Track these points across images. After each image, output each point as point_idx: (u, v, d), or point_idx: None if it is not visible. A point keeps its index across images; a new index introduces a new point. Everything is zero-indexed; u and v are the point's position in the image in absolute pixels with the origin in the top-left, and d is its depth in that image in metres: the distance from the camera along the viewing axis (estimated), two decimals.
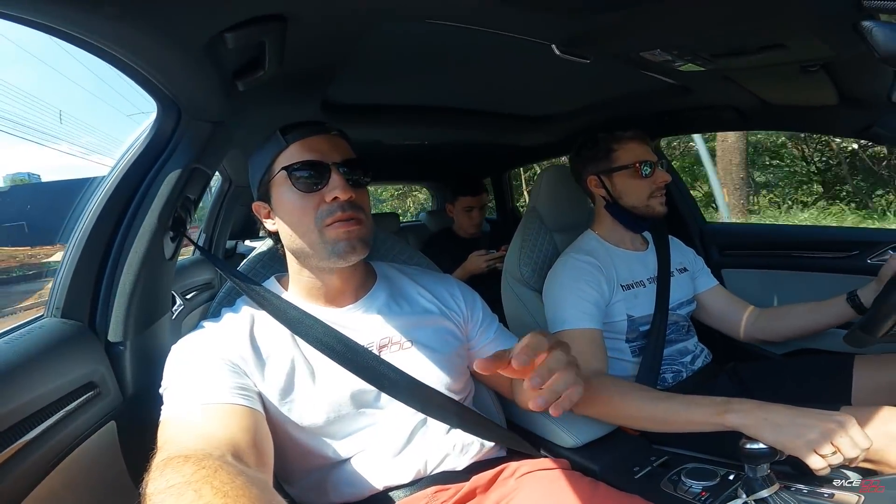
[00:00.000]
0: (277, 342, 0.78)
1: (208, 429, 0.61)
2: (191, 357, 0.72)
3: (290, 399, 0.74)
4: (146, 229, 0.83)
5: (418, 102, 1.39)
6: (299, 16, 0.66)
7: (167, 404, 0.67)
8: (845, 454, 0.69)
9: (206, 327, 0.79)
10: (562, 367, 0.59)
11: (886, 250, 1.35)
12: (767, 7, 0.68)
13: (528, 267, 1.31)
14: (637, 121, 1.45)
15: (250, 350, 0.75)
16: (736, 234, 1.75)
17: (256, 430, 0.65)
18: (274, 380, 0.74)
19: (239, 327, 0.78)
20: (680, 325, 1.26)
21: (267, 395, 0.73)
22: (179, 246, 0.98)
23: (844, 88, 1.06)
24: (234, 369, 0.71)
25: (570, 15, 0.75)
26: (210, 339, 0.75)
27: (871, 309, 0.83)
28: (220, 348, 0.73)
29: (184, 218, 0.95)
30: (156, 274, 0.88)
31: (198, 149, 0.90)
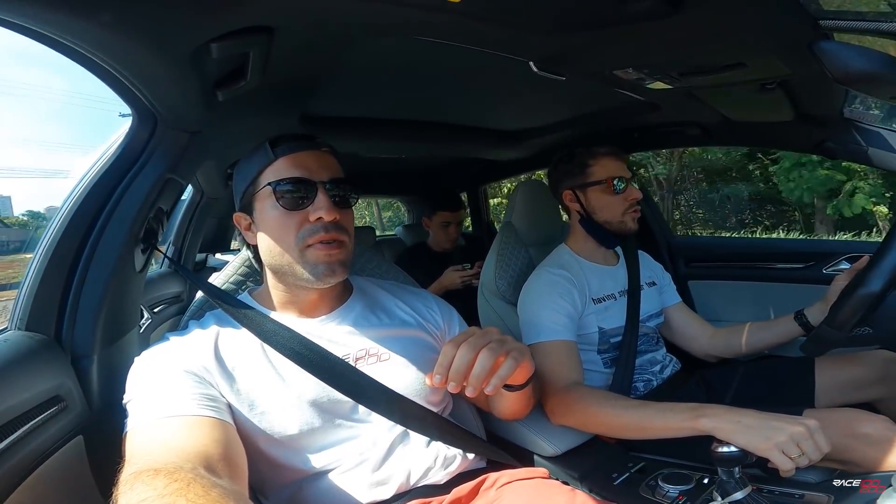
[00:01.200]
0: (246, 353, 0.76)
1: (177, 441, 0.60)
2: (155, 369, 0.70)
3: (261, 410, 0.72)
4: (116, 240, 0.81)
5: (395, 116, 1.40)
6: (286, 28, 0.67)
7: (132, 417, 0.65)
8: (810, 457, 0.73)
9: (171, 340, 0.77)
10: (470, 356, 0.62)
11: (840, 260, 1.43)
12: (729, 28, 0.72)
13: (503, 280, 1.33)
14: (608, 137, 1.51)
15: (217, 361, 0.73)
16: (702, 248, 1.83)
17: (227, 442, 0.63)
18: (243, 391, 0.72)
19: (206, 339, 0.76)
20: (650, 337, 1.30)
21: (236, 407, 0.71)
22: (150, 258, 0.96)
23: (800, 105, 1.12)
24: (199, 381, 0.70)
25: (547, 34, 0.77)
26: (175, 350, 0.73)
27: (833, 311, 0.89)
28: (184, 360, 0.72)
29: (155, 229, 0.92)
30: (125, 286, 0.86)
31: (173, 158, 0.88)
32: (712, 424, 0.79)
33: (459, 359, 0.62)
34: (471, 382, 0.62)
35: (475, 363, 0.62)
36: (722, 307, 1.66)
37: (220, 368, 0.73)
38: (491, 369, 0.63)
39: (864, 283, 0.80)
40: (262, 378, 0.75)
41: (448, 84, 1.13)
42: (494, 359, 0.63)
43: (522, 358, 0.66)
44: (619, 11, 0.66)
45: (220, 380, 0.72)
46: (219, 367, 0.73)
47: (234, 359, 0.75)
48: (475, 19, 0.70)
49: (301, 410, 0.74)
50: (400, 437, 0.79)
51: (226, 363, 0.74)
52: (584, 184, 1.25)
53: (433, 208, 2.17)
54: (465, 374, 0.62)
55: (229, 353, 0.75)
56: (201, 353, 0.74)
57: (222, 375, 0.72)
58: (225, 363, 0.74)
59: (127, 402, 0.67)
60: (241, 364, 0.75)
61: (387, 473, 0.76)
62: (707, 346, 1.32)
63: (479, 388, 0.62)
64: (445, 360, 0.62)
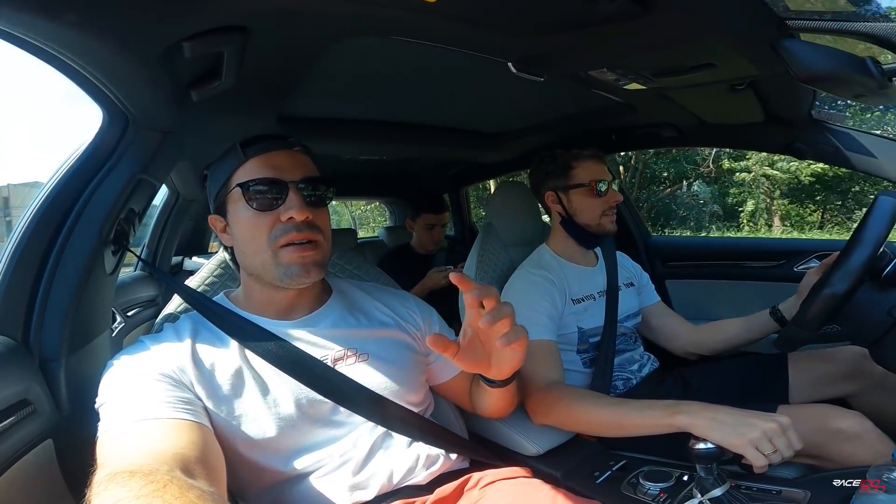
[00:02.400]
0: (224, 356, 0.75)
1: (153, 444, 0.58)
2: (129, 372, 0.69)
3: (239, 413, 0.72)
4: (85, 241, 0.79)
5: (376, 117, 1.40)
6: (261, 28, 0.66)
7: (105, 420, 0.63)
8: (783, 453, 0.75)
9: (146, 343, 0.75)
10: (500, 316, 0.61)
11: (811, 259, 1.48)
12: (697, 28, 0.74)
13: (484, 281, 1.34)
14: (587, 138, 1.53)
15: (193, 364, 0.72)
16: (678, 247, 1.87)
17: (205, 445, 0.62)
18: (219, 394, 0.71)
19: (181, 342, 0.75)
20: (628, 337, 1.32)
21: (214, 410, 0.70)
22: (121, 260, 0.94)
23: (770, 106, 1.15)
24: (175, 384, 0.68)
25: (523, 35, 0.78)
26: (149, 354, 0.72)
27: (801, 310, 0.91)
28: (159, 363, 0.70)
29: (126, 231, 0.90)
30: (95, 289, 0.84)
31: (145, 159, 0.86)
32: (689, 421, 0.80)
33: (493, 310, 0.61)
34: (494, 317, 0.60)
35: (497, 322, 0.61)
36: (699, 305, 1.69)
37: (196, 371, 0.71)
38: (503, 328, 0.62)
39: (829, 283, 0.82)
40: (239, 381, 0.73)
41: (428, 85, 1.13)
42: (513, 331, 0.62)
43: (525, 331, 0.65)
44: (591, 13, 0.67)
45: (196, 383, 0.70)
46: (195, 371, 0.71)
47: (211, 362, 0.74)
48: (452, 20, 0.70)
49: (280, 413, 0.73)
50: (381, 438, 0.79)
51: (202, 366, 0.73)
52: (567, 186, 1.27)
53: (417, 210, 2.17)
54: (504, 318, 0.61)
55: (206, 357, 0.74)
56: (177, 356, 0.72)
57: (199, 379, 0.71)
58: (202, 366, 0.73)
59: (100, 406, 0.66)
60: (218, 367, 0.73)
61: (368, 474, 0.76)
62: (686, 343, 1.35)
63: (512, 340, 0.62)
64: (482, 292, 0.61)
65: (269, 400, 0.74)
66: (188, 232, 2.56)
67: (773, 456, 0.74)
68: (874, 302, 0.82)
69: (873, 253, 0.79)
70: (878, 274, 0.81)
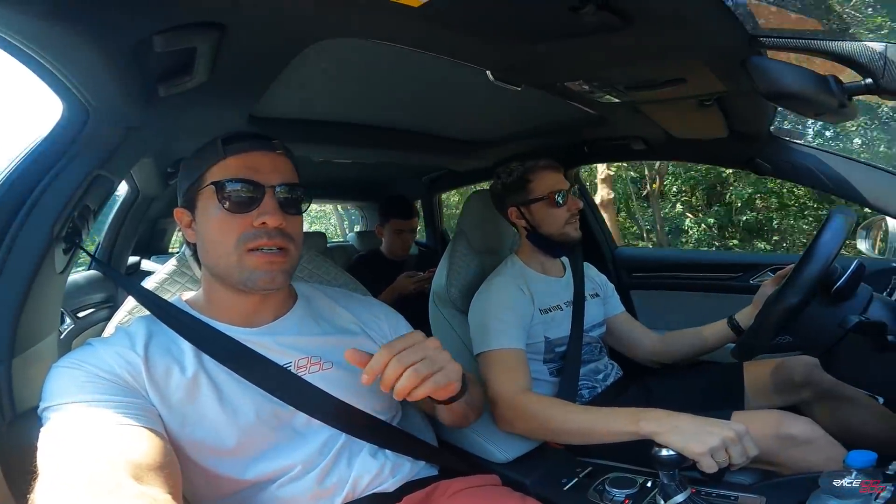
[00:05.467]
0: (179, 361, 0.72)
1: (100, 450, 0.55)
2: (76, 375, 0.65)
3: (194, 420, 0.69)
4: (36, 239, 0.74)
5: (350, 119, 1.38)
6: (239, 26, 0.64)
7: (49, 425, 0.60)
8: (735, 461, 0.79)
9: (96, 346, 0.71)
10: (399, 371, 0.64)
11: (766, 271, 1.56)
12: (673, 44, 0.76)
13: (455, 288, 1.34)
14: (559, 149, 1.56)
15: (147, 369, 0.69)
16: (643, 259, 1.93)
17: (157, 452, 0.59)
18: (175, 400, 0.69)
19: (135, 346, 0.71)
20: (593, 346, 1.35)
21: (167, 417, 0.67)
22: (73, 259, 0.89)
23: (733, 123, 1.19)
24: (125, 389, 0.66)
25: (504, 43, 0.79)
26: (99, 357, 0.68)
27: (756, 321, 0.95)
28: (110, 367, 0.67)
29: (80, 228, 0.86)
30: (43, 289, 0.79)
31: (104, 154, 0.82)
32: (652, 428, 0.83)
33: (390, 369, 0.64)
34: (395, 393, 0.64)
35: (402, 377, 0.64)
36: (662, 315, 1.75)
37: (149, 377, 0.68)
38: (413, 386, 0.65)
39: (782, 296, 0.86)
40: (195, 387, 0.71)
41: (405, 89, 1.13)
42: (420, 379, 0.64)
43: (446, 381, 0.67)
44: (574, 24, 0.68)
45: (149, 388, 0.68)
46: (148, 376, 0.68)
47: (166, 367, 0.71)
48: (433, 24, 0.70)
49: (239, 420, 0.71)
50: (346, 446, 0.77)
51: (156, 371, 0.70)
52: (527, 200, 1.29)
53: (386, 215, 2.16)
54: (390, 384, 0.64)
55: (161, 361, 0.71)
56: (129, 360, 0.69)
57: (152, 384, 0.68)
58: (155, 371, 0.69)
59: (43, 411, 0.62)
60: (172, 373, 0.70)
61: (333, 482, 0.74)
62: (649, 352, 1.39)
63: (401, 397, 0.65)
64: (377, 366, 0.64)
65: (227, 407, 0.71)
66: (147, 231, 2.46)
67: (723, 463, 0.78)
68: (825, 314, 0.85)
69: (824, 267, 0.83)
70: (828, 288, 0.85)
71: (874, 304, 0.85)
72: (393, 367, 0.64)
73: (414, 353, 0.65)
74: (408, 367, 0.64)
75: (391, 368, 0.64)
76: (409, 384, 0.64)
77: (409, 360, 0.64)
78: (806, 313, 0.85)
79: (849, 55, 0.69)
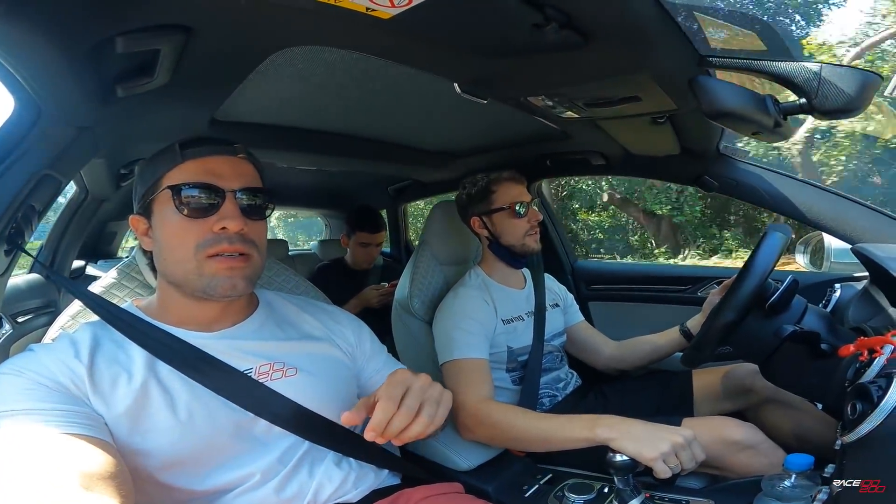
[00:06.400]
0: (127, 368, 0.69)
1: (45, 460, 0.53)
2: (16, 382, 0.62)
3: (144, 429, 0.66)
4: None
5: (315, 126, 1.37)
6: (206, 29, 0.63)
7: None
8: (685, 465, 0.83)
9: (37, 351, 0.68)
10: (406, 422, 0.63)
11: (711, 284, 1.65)
12: (629, 62, 0.80)
13: (418, 299, 1.34)
14: (524, 162, 1.60)
15: (91, 376, 0.66)
16: (601, 271, 2.00)
17: (105, 461, 0.57)
18: (122, 408, 0.66)
19: (77, 352, 0.68)
20: (554, 355, 1.39)
21: (115, 425, 0.65)
22: (14, 261, 0.84)
23: (684, 140, 1.25)
24: (68, 396, 0.63)
25: (472, 57, 0.81)
26: (40, 363, 0.65)
27: (699, 334, 1.00)
28: (52, 373, 0.64)
29: (23, 230, 0.81)
30: None
31: (53, 154, 0.78)
32: (607, 434, 0.86)
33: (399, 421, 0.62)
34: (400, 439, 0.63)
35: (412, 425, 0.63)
36: (618, 326, 1.81)
37: (93, 384, 0.65)
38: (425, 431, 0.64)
39: (722, 312, 0.91)
40: (145, 395, 0.68)
41: (373, 97, 1.13)
42: (430, 422, 0.64)
43: (445, 414, 0.68)
44: (536, 40, 0.71)
45: (94, 396, 0.65)
46: (92, 383, 0.65)
47: (114, 374, 0.68)
48: (403, 36, 0.71)
49: (193, 428, 0.69)
50: (308, 454, 0.76)
51: (101, 379, 0.66)
52: (489, 210, 1.32)
53: (353, 227, 2.13)
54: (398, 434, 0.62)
55: (108, 368, 0.68)
56: (72, 367, 0.66)
57: (97, 392, 0.65)
58: (100, 379, 0.66)
59: None
60: (120, 380, 0.67)
61: (294, 492, 0.73)
62: (608, 359, 1.44)
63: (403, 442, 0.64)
64: (384, 419, 0.61)
65: (181, 414, 0.69)
66: (95, 234, 2.33)
67: (675, 468, 0.81)
68: (762, 326, 0.91)
69: (759, 284, 0.88)
70: (763, 302, 0.90)
71: (808, 314, 0.91)
72: (402, 419, 0.62)
73: (415, 397, 0.64)
74: (417, 415, 0.63)
75: (401, 420, 0.62)
76: (422, 430, 0.63)
77: (414, 406, 0.63)
78: (744, 326, 0.91)
79: (786, 75, 0.73)
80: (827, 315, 0.95)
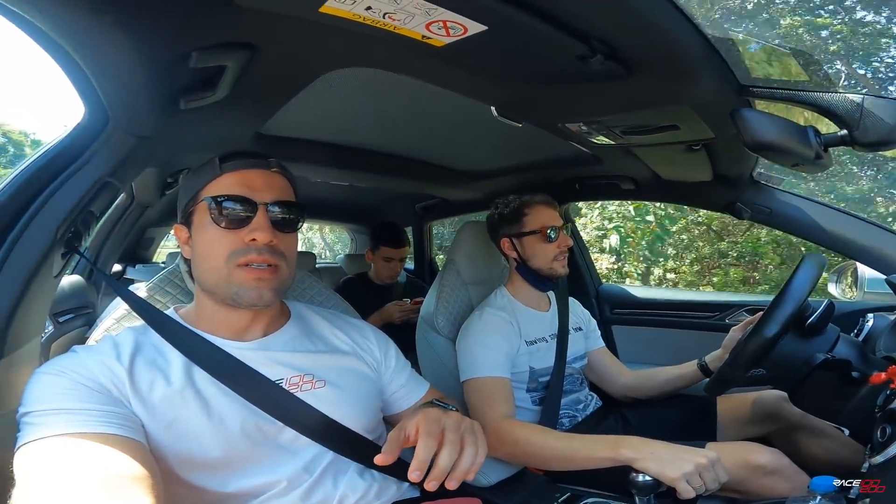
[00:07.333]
0: (166, 372, 0.72)
1: (82, 460, 0.55)
2: (58, 382, 0.64)
3: (178, 432, 0.68)
4: (39, 240, 0.74)
5: (351, 143, 1.42)
6: (268, 47, 0.67)
7: (27, 432, 0.59)
8: (709, 487, 0.82)
9: (80, 353, 0.71)
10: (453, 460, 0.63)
11: (739, 311, 1.62)
12: (670, 93, 0.81)
13: (442, 316, 1.36)
14: (553, 185, 1.62)
15: (130, 378, 0.69)
16: (626, 296, 1.98)
17: (139, 462, 0.59)
18: (158, 410, 0.68)
19: (119, 355, 0.71)
20: (574, 378, 1.38)
21: (150, 426, 0.67)
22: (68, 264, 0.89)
23: (718, 166, 1.25)
24: (108, 397, 0.65)
25: (510, 84, 0.84)
26: (82, 364, 0.68)
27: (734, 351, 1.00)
28: (93, 374, 0.67)
29: (81, 233, 0.86)
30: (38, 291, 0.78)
31: (115, 162, 0.83)
32: (630, 454, 0.86)
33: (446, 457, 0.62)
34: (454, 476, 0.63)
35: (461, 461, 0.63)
36: (642, 351, 1.80)
37: (132, 385, 0.68)
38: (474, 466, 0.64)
39: (761, 328, 0.91)
40: (181, 399, 0.70)
41: (408, 117, 1.17)
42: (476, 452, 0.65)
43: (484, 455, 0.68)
44: (579, 70, 0.73)
45: (132, 397, 0.67)
46: (132, 384, 0.68)
47: (152, 376, 0.70)
48: (450, 63, 0.74)
49: (225, 433, 0.71)
50: (333, 464, 0.77)
51: (141, 380, 0.69)
52: (521, 233, 1.33)
53: (377, 242, 2.17)
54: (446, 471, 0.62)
55: (147, 371, 0.71)
56: (113, 369, 0.69)
57: (135, 393, 0.68)
58: (140, 380, 0.69)
59: (23, 416, 0.61)
60: (158, 384, 0.70)
61: (318, 500, 0.74)
62: (623, 387, 1.43)
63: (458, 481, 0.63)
64: (427, 457, 0.61)
65: (214, 419, 0.71)
66: (134, 239, 2.43)
67: (699, 489, 0.81)
68: (796, 350, 0.91)
69: (799, 303, 0.89)
70: (802, 323, 0.91)
71: (840, 342, 0.91)
72: (449, 453, 0.62)
73: (454, 431, 0.65)
74: (462, 449, 0.63)
75: (448, 455, 0.62)
76: (472, 461, 0.63)
77: (456, 439, 0.64)
78: (779, 347, 0.91)
79: (828, 106, 0.73)
80: (858, 344, 0.95)
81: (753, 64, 0.78)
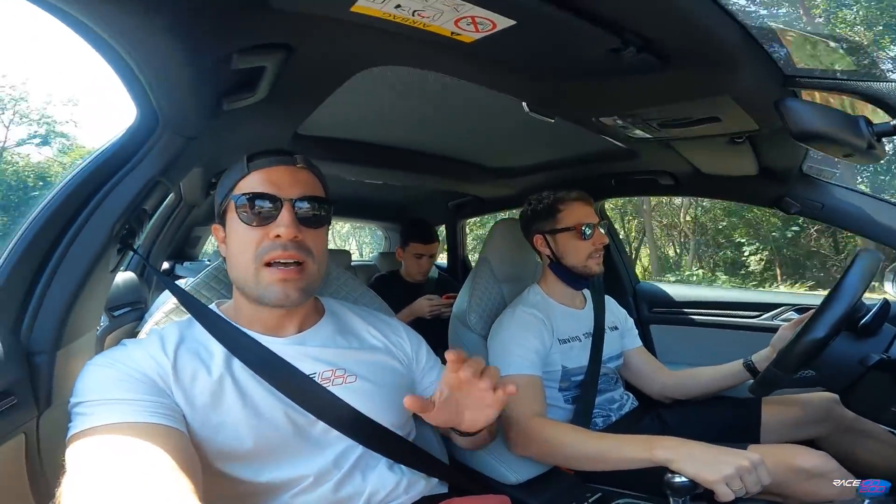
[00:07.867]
0: (207, 365, 0.75)
1: (126, 449, 0.58)
2: (108, 374, 0.68)
3: (216, 422, 0.71)
4: (96, 237, 0.79)
5: (385, 141, 1.44)
6: (305, 48, 0.70)
7: (78, 421, 0.62)
8: (749, 490, 0.79)
9: (129, 346, 0.74)
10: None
11: (789, 311, 1.54)
12: (709, 84, 0.78)
13: (475, 314, 1.36)
14: (587, 181, 1.59)
15: (175, 369, 0.71)
16: (664, 294, 1.92)
17: (180, 452, 0.61)
18: (199, 402, 0.71)
19: (164, 348, 0.74)
20: (609, 377, 1.35)
21: (191, 417, 0.69)
22: (123, 259, 0.94)
23: (764, 160, 1.20)
24: (154, 388, 0.68)
25: (544, 79, 0.83)
26: (131, 357, 0.71)
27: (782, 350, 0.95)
28: (141, 366, 0.69)
29: (135, 230, 0.91)
30: (95, 285, 0.83)
31: (165, 162, 0.88)
32: (666, 455, 0.84)
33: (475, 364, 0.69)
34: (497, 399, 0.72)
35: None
36: (681, 351, 1.74)
37: (175, 376, 0.71)
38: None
39: (810, 330, 0.87)
40: (220, 391, 0.73)
41: (440, 115, 1.17)
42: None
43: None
44: (614, 64, 0.72)
45: (175, 388, 0.70)
46: (175, 375, 0.71)
47: (195, 367, 0.73)
48: (481, 59, 0.75)
49: (259, 424, 0.73)
50: (363, 458, 0.78)
51: (184, 371, 0.72)
52: (555, 229, 1.30)
53: (406, 239, 2.18)
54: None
55: (188, 364, 0.74)
56: (159, 361, 0.72)
57: (178, 383, 0.71)
58: (182, 374, 0.72)
59: (74, 406, 0.65)
60: (200, 376, 0.73)
61: (347, 493, 0.75)
62: (662, 388, 1.38)
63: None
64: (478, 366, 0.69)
65: (249, 410, 0.73)
66: (182, 237, 2.55)
67: (739, 492, 0.78)
68: (848, 351, 0.87)
69: (852, 303, 0.84)
70: (855, 324, 0.87)
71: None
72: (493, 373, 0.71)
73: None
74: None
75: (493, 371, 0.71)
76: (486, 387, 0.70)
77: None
78: (830, 348, 0.86)
79: (878, 95, 0.70)
80: None
81: (797, 53, 0.74)
